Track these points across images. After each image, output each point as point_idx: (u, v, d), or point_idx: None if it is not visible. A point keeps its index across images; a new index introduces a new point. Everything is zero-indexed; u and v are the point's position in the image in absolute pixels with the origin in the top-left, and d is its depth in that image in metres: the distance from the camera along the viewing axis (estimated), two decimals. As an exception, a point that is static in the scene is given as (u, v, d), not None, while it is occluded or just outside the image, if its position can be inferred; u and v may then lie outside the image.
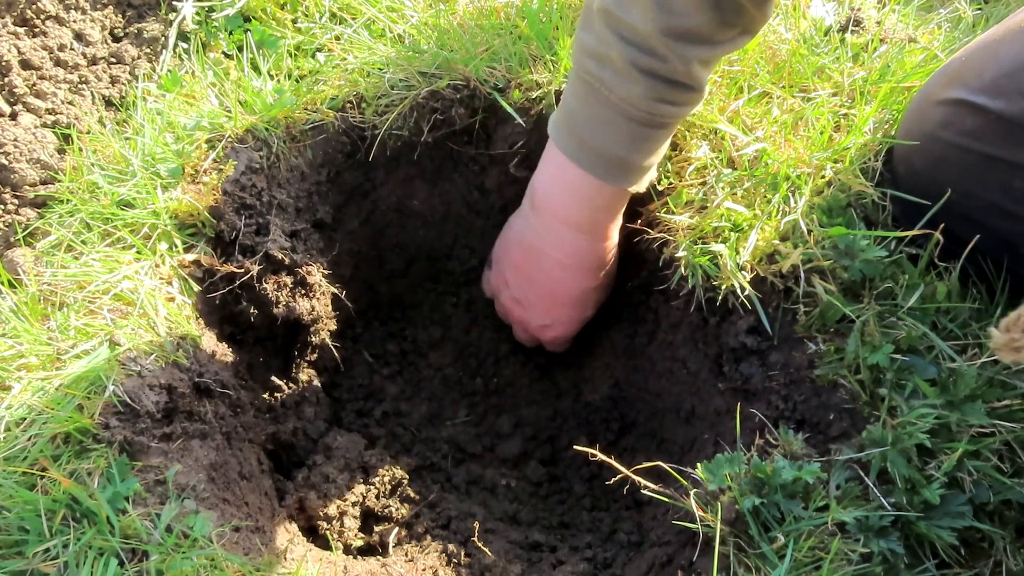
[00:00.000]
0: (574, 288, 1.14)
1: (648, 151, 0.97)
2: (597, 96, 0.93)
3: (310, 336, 1.16)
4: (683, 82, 0.90)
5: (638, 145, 0.96)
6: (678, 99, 0.92)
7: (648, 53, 0.88)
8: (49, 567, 0.75)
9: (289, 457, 1.12)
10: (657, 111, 0.92)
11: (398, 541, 1.04)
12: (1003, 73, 0.87)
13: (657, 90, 0.90)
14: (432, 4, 1.31)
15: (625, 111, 0.93)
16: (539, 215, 1.09)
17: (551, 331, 1.21)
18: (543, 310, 1.18)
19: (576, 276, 1.12)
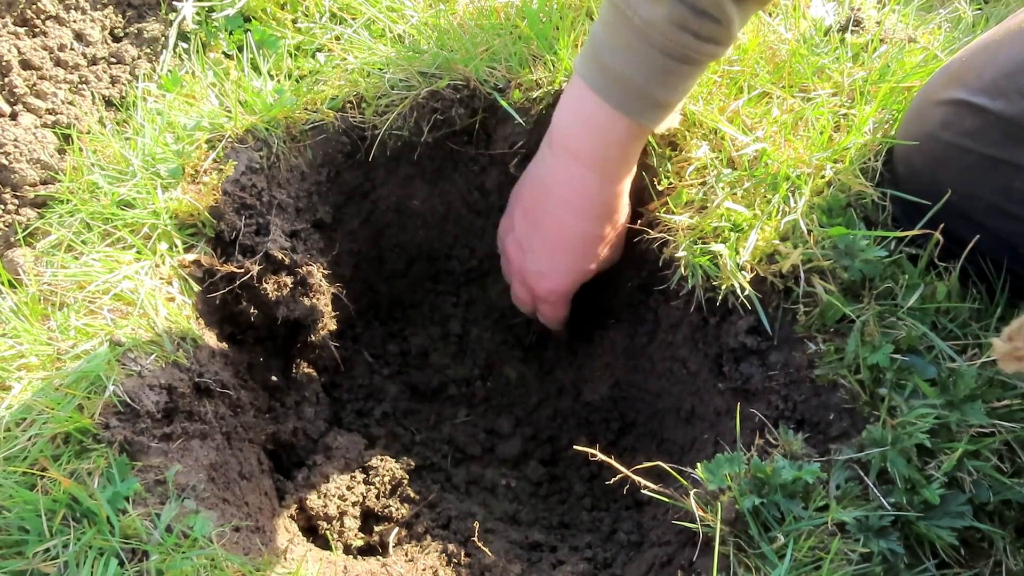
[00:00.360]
0: (577, 232, 1.08)
1: (667, 85, 0.93)
2: (622, 19, 0.90)
3: (310, 336, 1.16)
4: (708, 12, 0.86)
5: (657, 76, 0.92)
6: (701, 30, 0.87)
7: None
8: (49, 567, 0.75)
9: (289, 457, 1.12)
10: (679, 39, 0.88)
11: (398, 541, 1.04)
12: (1003, 73, 0.87)
13: (681, 15, 0.86)
14: (432, 4, 1.31)
15: (647, 35, 0.89)
16: (553, 150, 1.05)
17: (546, 281, 1.14)
18: (543, 255, 1.12)
19: (580, 219, 1.06)
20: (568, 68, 1.13)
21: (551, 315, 1.20)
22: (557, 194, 1.06)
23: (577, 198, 1.05)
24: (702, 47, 0.90)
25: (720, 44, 0.91)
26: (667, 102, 0.96)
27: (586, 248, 1.10)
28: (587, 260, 1.11)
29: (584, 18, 1.18)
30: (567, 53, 1.13)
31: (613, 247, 1.13)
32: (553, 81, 1.13)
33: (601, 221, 1.07)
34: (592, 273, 1.14)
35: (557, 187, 1.06)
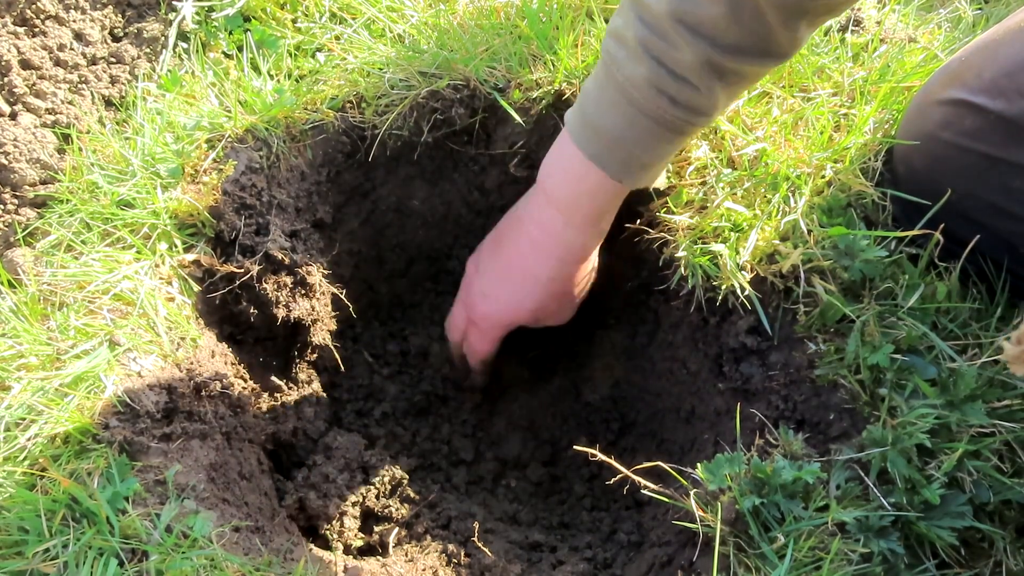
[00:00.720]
0: (530, 266, 1.07)
1: (644, 145, 0.92)
2: (608, 74, 0.91)
3: (310, 336, 1.16)
4: (687, 78, 0.86)
5: (635, 134, 0.91)
6: (679, 96, 0.87)
7: (658, 35, 0.85)
8: (49, 567, 0.75)
9: (289, 457, 1.12)
10: (656, 102, 0.88)
11: (398, 541, 1.04)
12: (1003, 73, 0.87)
13: (659, 77, 0.86)
14: (432, 4, 1.31)
15: (628, 93, 0.89)
16: (535, 190, 1.06)
17: (484, 304, 1.12)
18: (491, 278, 1.11)
19: (538, 255, 1.06)
20: (568, 68, 1.13)
21: (476, 345, 1.17)
22: (526, 228, 1.07)
23: (541, 235, 1.05)
24: (679, 113, 0.89)
25: (700, 114, 0.89)
26: (643, 162, 0.95)
27: (534, 285, 1.08)
28: (530, 297, 1.10)
29: (584, 18, 1.18)
30: (567, 53, 1.13)
31: (561, 301, 1.11)
32: (553, 81, 1.13)
33: (557, 264, 1.06)
34: (529, 315, 1.12)
35: (527, 222, 1.07)
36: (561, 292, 1.10)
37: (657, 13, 0.84)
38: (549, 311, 1.12)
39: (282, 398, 1.13)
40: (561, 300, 1.11)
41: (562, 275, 1.08)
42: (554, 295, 1.10)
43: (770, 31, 0.82)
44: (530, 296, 1.09)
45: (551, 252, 1.05)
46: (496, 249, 1.12)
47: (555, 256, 1.06)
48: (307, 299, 1.11)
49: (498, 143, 1.19)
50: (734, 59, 0.84)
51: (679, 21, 0.83)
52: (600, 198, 1.00)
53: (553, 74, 1.13)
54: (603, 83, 0.92)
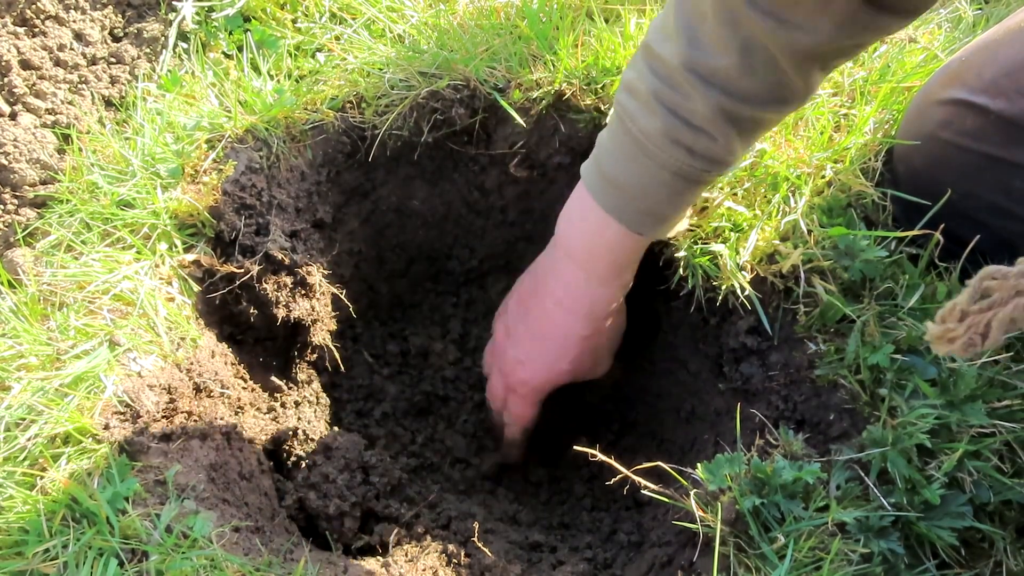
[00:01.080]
0: (560, 326, 1.06)
1: (660, 197, 0.91)
2: (623, 127, 0.90)
3: (310, 336, 1.16)
4: (702, 128, 0.85)
5: (651, 187, 0.90)
6: (696, 147, 0.86)
7: (671, 87, 0.84)
8: (49, 567, 0.75)
9: (289, 457, 1.12)
10: (671, 153, 0.87)
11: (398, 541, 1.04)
12: (1003, 73, 0.87)
13: (674, 128, 0.85)
14: (432, 4, 1.31)
15: (643, 146, 0.88)
16: (553, 245, 1.06)
17: (521, 370, 1.11)
18: (525, 343, 1.10)
19: (566, 314, 1.05)
20: (568, 68, 1.13)
21: (518, 411, 1.16)
22: (550, 288, 1.06)
23: (566, 295, 1.04)
24: (697, 164, 0.88)
25: (717, 163, 0.88)
26: (661, 214, 0.93)
27: (567, 344, 1.08)
28: (565, 358, 1.09)
29: (584, 18, 1.18)
30: (567, 53, 1.13)
31: (596, 355, 1.11)
32: (553, 81, 1.13)
33: (586, 321, 1.06)
34: (567, 375, 1.11)
35: (551, 281, 1.06)
36: (595, 347, 1.10)
37: (670, 64, 0.83)
38: (586, 367, 1.12)
39: (282, 398, 1.13)
40: (596, 354, 1.11)
41: (594, 330, 1.07)
42: (588, 351, 1.09)
43: (783, 77, 0.81)
44: (566, 356, 1.09)
45: (578, 310, 1.05)
46: (523, 312, 1.11)
47: (583, 313, 1.05)
48: (307, 299, 1.11)
49: (498, 143, 1.19)
50: (749, 107, 0.83)
51: (691, 71, 0.82)
52: (620, 251, 0.99)
53: (553, 74, 1.13)
54: (618, 136, 0.91)
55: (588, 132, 1.14)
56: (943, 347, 0.63)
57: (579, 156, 1.18)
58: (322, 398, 1.20)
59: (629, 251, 0.99)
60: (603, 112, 1.11)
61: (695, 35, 0.81)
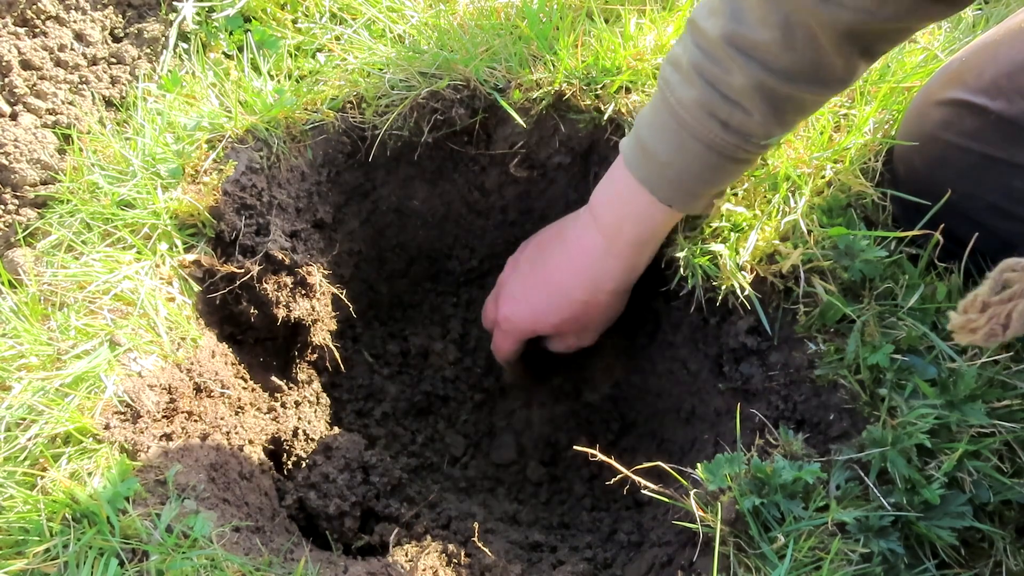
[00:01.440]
0: (562, 281, 1.08)
1: (692, 168, 0.92)
2: (662, 98, 0.92)
3: (310, 336, 1.16)
4: (738, 102, 0.85)
5: (685, 158, 0.91)
6: (730, 120, 0.87)
7: (712, 60, 0.85)
8: (49, 567, 0.75)
9: (289, 457, 1.12)
10: (707, 126, 0.88)
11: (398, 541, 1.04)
12: (1003, 73, 0.87)
13: (711, 100, 0.86)
14: (432, 4, 1.31)
15: (679, 115, 0.89)
16: (585, 209, 1.07)
17: (510, 305, 1.13)
18: (524, 283, 1.13)
19: (571, 274, 1.07)
20: (568, 68, 1.13)
21: (498, 343, 1.19)
22: (568, 245, 1.08)
23: (581, 255, 1.06)
24: (729, 138, 0.88)
25: (750, 139, 0.88)
26: (692, 188, 0.94)
27: (562, 300, 1.10)
28: (556, 312, 1.11)
29: (584, 18, 1.18)
30: (567, 53, 1.13)
31: (583, 323, 1.12)
32: (553, 81, 1.13)
33: (588, 287, 1.07)
34: (550, 328, 1.13)
35: (572, 239, 1.07)
36: (587, 315, 1.11)
37: (711, 38, 0.85)
38: (571, 330, 1.14)
39: (282, 398, 1.13)
40: (585, 323, 1.12)
41: (593, 299, 1.08)
42: (579, 316, 1.11)
43: (823, 56, 0.81)
44: (556, 310, 1.11)
45: (587, 274, 1.06)
46: (537, 255, 1.13)
47: (590, 279, 1.07)
48: (307, 299, 1.11)
49: (498, 143, 1.19)
50: (787, 84, 0.84)
51: (732, 44, 0.83)
52: (645, 223, 0.99)
53: (553, 74, 1.13)
54: (657, 107, 0.93)
55: (588, 132, 1.15)
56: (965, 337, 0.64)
57: (579, 156, 1.18)
58: (322, 398, 1.20)
59: (654, 225, 0.99)
60: (603, 112, 1.11)
61: (738, 8, 0.82)
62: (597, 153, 1.17)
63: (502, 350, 1.20)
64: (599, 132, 1.14)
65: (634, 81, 1.12)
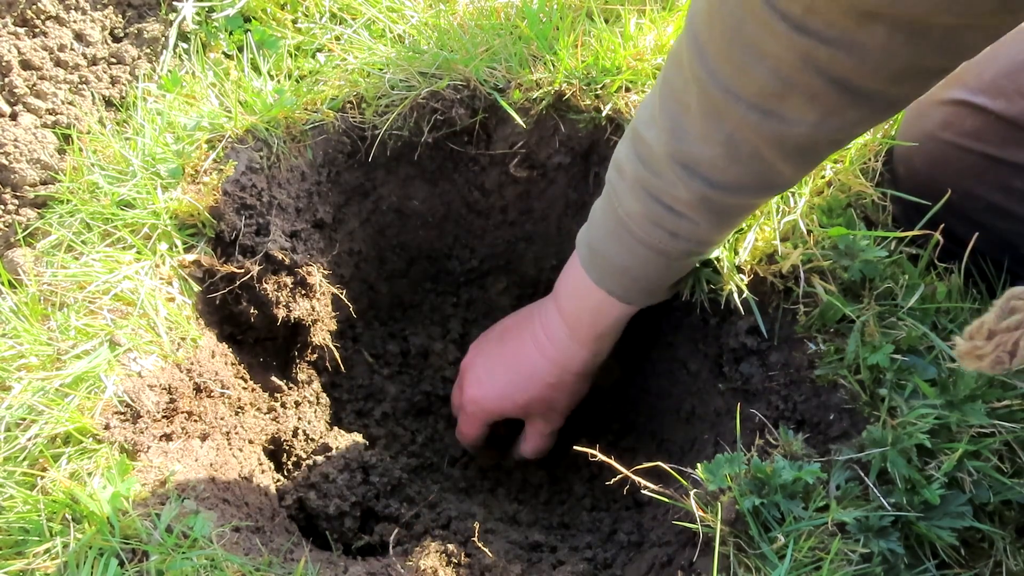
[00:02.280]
0: (531, 366, 1.09)
1: (644, 271, 0.94)
2: (610, 204, 0.92)
3: (310, 336, 1.16)
4: (684, 213, 0.85)
5: (636, 262, 0.93)
6: (678, 230, 0.87)
7: (655, 174, 0.85)
8: (49, 567, 0.75)
9: (289, 457, 1.12)
10: (653, 235, 0.88)
11: (398, 541, 1.04)
12: (1003, 73, 0.87)
13: (656, 213, 0.86)
14: (432, 4, 1.31)
15: (627, 225, 0.90)
16: (550, 296, 1.09)
17: (476, 388, 1.13)
18: (489, 365, 1.13)
19: (540, 359, 1.08)
20: (568, 68, 1.13)
21: (463, 428, 1.19)
22: (533, 328, 1.09)
23: (546, 340, 1.07)
24: (679, 245, 0.89)
25: (700, 244, 0.89)
26: (648, 287, 0.96)
27: (530, 382, 1.10)
28: (523, 393, 1.11)
29: (584, 18, 1.18)
30: (567, 53, 1.13)
31: (550, 404, 1.12)
32: (553, 81, 1.13)
33: (557, 371, 1.08)
34: (518, 410, 1.13)
35: (536, 323, 1.09)
36: (552, 398, 1.12)
37: (654, 152, 0.84)
38: (538, 410, 1.14)
39: (282, 398, 1.13)
40: (551, 403, 1.13)
41: (559, 382, 1.09)
42: (545, 399, 1.11)
43: (769, 168, 0.79)
44: (523, 391, 1.11)
45: (553, 358, 1.08)
46: (501, 339, 1.14)
47: (556, 362, 1.08)
48: (307, 299, 1.11)
49: (498, 143, 1.19)
50: (733, 195, 0.83)
51: (675, 161, 0.82)
52: (603, 318, 1.02)
53: (553, 74, 1.13)
54: (606, 212, 0.94)
55: (588, 132, 1.15)
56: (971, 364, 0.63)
57: (579, 156, 1.18)
58: (322, 398, 1.20)
59: (612, 319, 1.02)
60: (603, 112, 1.11)
61: (679, 125, 0.80)
62: (597, 153, 1.17)
63: (468, 435, 1.19)
64: (599, 132, 1.14)
65: (634, 81, 1.12)
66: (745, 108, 0.74)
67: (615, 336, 1.06)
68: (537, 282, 1.33)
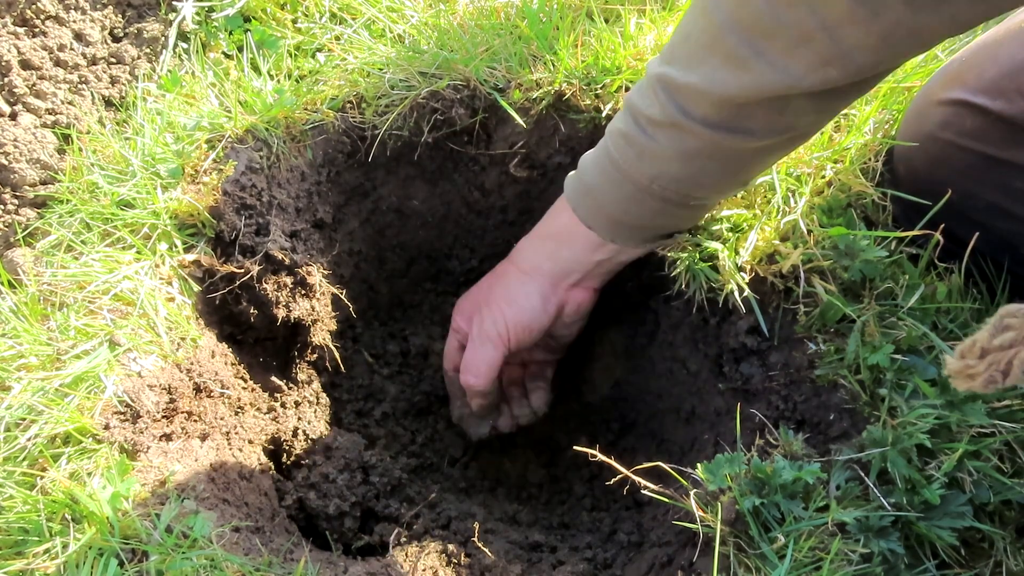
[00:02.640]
0: (517, 286, 1.10)
1: (608, 195, 0.96)
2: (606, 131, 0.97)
3: (310, 336, 1.16)
4: (653, 135, 0.88)
5: (603, 180, 0.96)
6: (643, 151, 0.89)
7: (639, 93, 0.89)
8: (49, 567, 0.75)
9: (289, 457, 1.12)
10: (624, 154, 0.92)
11: (398, 541, 1.04)
12: (1003, 73, 0.87)
13: (630, 130, 0.90)
14: (432, 4, 1.31)
15: (607, 144, 0.95)
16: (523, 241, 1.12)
17: (482, 319, 1.12)
18: (480, 295, 1.14)
19: (524, 279, 1.09)
20: (568, 68, 1.13)
21: (474, 359, 1.13)
22: (514, 263, 1.12)
23: (532, 263, 1.10)
24: (643, 169, 0.91)
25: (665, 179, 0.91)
26: (610, 214, 0.98)
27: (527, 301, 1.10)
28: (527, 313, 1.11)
29: (584, 18, 1.18)
30: (567, 53, 1.13)
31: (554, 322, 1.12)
32: (553, 81, 1.13)
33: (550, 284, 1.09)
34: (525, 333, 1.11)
35: (516, 260, 1.12)
36: (555, 313, 1.11)
37: (648, 74, 0.88)
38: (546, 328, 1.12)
39: (282, 398, 1.13)
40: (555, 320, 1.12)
41: (563, 285, 1.10)
42: (549, 314, 1.11)
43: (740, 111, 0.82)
44: (526, 311, 1.10)
45: (544, 272, 1.09)
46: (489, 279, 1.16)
47: (547, 275, 1.09)
48: (307, 299, 1.11)
49: (498, 143, 1.19)
50: (704, 129, 0.84)
51: (659, 83, 0.86)
52: (579, 251, 1.04)
53: (553, 74, 1.13)
54: (602, 141, 0.98)
55: (588, 132, 1.14)
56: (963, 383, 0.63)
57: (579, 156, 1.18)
58: (322, 398, 1.20)
59: (587, 257, 1.04)
60: (603, 112, 1.11)
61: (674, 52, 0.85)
62: (597, 153, 1.17)
63: (481, 362, 1.11)
64: (599, 132, 1.14)
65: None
66: (736, 42, 0.77)
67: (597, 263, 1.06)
68: (537, 282, 1.33)
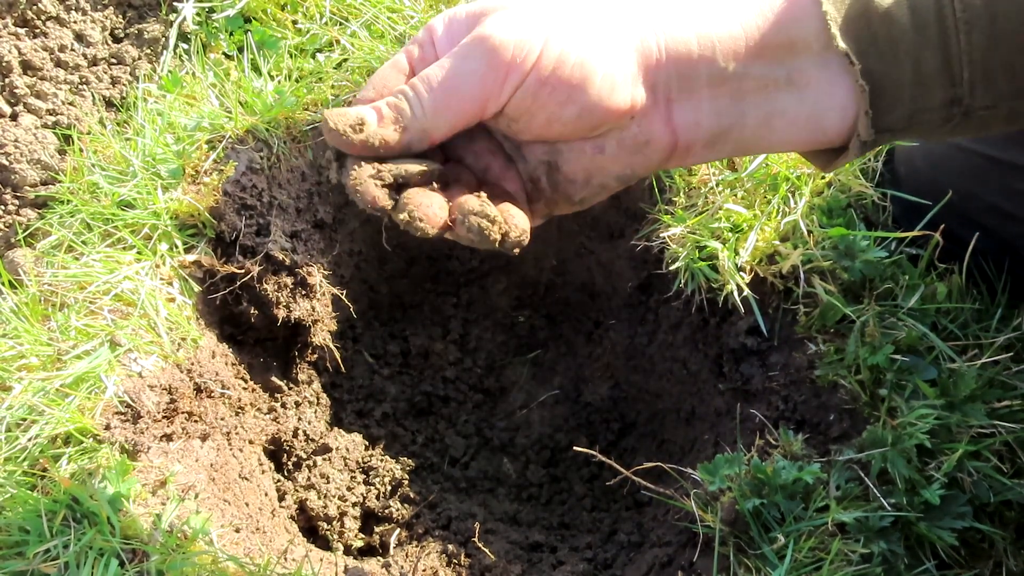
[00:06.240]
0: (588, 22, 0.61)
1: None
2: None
3: (310, 337, 1.16)
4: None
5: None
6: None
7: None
8: (49, 567, 0.75)
9: (289, 457, 1.12)
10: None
11: (398, 541, 1.04)
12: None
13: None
14: (432, 4, 1.31)
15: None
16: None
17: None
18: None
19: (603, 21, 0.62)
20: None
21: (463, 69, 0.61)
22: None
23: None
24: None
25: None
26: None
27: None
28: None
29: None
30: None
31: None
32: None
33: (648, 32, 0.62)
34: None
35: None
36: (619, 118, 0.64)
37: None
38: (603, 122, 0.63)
39: (282, 398, 1.13)
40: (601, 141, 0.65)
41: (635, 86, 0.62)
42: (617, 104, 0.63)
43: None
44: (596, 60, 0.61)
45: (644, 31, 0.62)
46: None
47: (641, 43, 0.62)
48: (307, 299, 1.11)
49: (498, 144, 1.19)
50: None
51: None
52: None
53: (553, 75, 1.13)
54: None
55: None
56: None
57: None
58: (322, 398, 1.20)
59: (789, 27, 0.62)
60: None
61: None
62: (597, 153, 1.17)
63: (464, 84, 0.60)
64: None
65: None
66: None
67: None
68: (537, 282, 1.33)
